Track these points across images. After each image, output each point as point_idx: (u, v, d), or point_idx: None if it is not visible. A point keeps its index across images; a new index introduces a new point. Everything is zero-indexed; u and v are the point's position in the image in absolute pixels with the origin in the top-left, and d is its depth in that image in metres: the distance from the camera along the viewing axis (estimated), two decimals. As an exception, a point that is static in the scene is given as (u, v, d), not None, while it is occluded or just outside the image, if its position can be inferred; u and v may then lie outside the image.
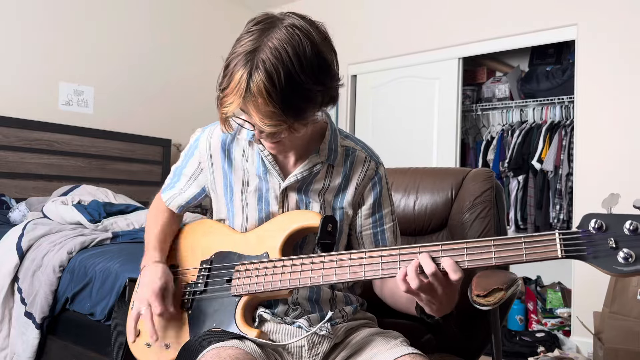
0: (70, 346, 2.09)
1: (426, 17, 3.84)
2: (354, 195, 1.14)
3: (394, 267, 0.91)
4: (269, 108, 0.90)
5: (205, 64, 4.33)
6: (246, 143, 1.15)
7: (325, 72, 0.95)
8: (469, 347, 1.45)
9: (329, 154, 1.12)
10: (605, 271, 0.78)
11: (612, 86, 3.01)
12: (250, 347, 0.97)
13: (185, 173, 1.22)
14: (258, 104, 0.90)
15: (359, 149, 1.17)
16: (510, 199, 3.75)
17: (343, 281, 0.96)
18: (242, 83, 0.90)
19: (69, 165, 3.49)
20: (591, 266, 0.79)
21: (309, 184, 1.12)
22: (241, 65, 0.90)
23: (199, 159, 1.19)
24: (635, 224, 0.77)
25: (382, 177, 1.18)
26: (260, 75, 0.88)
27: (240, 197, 1.13)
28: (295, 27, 0.92)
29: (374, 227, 1.16)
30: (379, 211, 1.16)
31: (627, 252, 0.76)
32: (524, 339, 3.24)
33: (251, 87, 0.89)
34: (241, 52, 0.91)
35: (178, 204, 1.24)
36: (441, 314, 0.95)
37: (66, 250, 2.18)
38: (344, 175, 1.14)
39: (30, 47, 3.40)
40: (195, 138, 1.21)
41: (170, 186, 1.25)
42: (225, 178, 1.16)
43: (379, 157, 1.21)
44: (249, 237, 1.12)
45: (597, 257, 0.78)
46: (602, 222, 0.79)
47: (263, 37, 0.91)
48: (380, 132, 4.10)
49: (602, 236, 0.79)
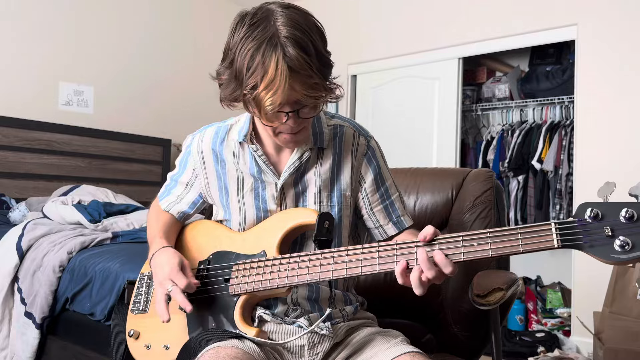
0: (70, 346, 2.09)
1: (426, 17, 3.84)
2: (351, 175, 1.14)
3: (391, 261, 0.91)
4: (313, 80, 0.93)
5: (205, 64, 4.32)
6: (236, 144, 1.15)
7: (324, 38, 1.00)
8: (469, 347, 1.45)
9: (314, 138, 1.12)
10: (602, 260, 0.78)
11: (612, 86, 3.01)
12: (250, 346, 0.97)
13: (181, 181, 1.23)
14: (303, 78, 0.92)
15: (346, 125, 1.17)
16: (510, 199, 3.75)
17: (340, 277, 0.96)
18: (281, 66, 0.90)
19: (69, 165, 3.49)
20: (589, 256, 0.79)
21: (303, 173, 1.12)
22: (268, 53, 0.90)
23: (193, 165, 1.19)
24: (632, 212, 0.76)
25: (376, 150, 1.18)
26: (295, 50, 0.91)
27: (237, 197, 1.13)
28: (286, 7, 0.97)
29: (382, 201, 1.16)
30: (382, 185, 1.16)
31: (624, 240, 0.76)
32: (524, 339, 3.24)
33: (291, 64, 0.90)
34: (260, 43, 0.91)
35: (178, 210, 1.24)
36: None
37: (66, 250, 2.18)
38: (334, 154, 1.13)
39: (30, 47, 3.40)
40: (186, 145, 1.22)
41: (167, 193, 1.26)
42: (220, 180, 1.16)
43: (367, 131, 1.20)
44: (246, 236, 1.12)
45: (594, 246, 0.78)
46: (598, 210, 0.79)
47: (270, 23, 0.93)
48: (380, 132, 4.08)
49: (598, 225, 0.78)
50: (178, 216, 1.25)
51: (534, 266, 3.94)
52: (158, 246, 1.13)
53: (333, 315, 1.10)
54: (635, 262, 0.77)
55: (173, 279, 1.03)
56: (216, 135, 1.17)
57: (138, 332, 1.15)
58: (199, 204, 1.23)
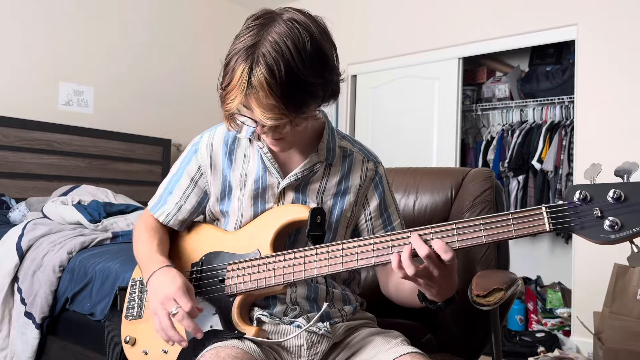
0: (70, 346, 2.09)
1: (426, 17, 3.84)
2: (357, 197, 1.15)
3: (387, 253, 0.92)
4: (270, 101, 0.90)
5: (205, 64, 4.33)
6: (247, 142, 1.14)
7: (325, 65, 0.96)
8: (469, 347, 1.45)
9: (327, 153, 1.12)
10: (594, 240, 0.79)
11: (612, 86, 3.01)
12: (249, 346, 0.97)
13: (179, 186, 1.17)
14: (259, 97, 0.90)
15: (356, 151, 1.18)
16: (510, 199, 3.75)
17: (337, 272, 0.96)
18: (243, 77, 0.90)
19: (68, 165, 3.49)
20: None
21: (307, 183, 1.12)
22: (242, 60, 0.91)
23: (199, 163, 1.15)
24: (619, 192, 0.78)
25: (383, 177, 1.19)
26: (261, 68, 0.89)
27: (238, 198, 1.13)
28: (294, 21, 0.93)
29: (384, 226, 1.17)
30: (385, 211, 1.18)
31: (613, 220, 0.77)
32: (524, 339, 3.24)
33: (252, 80, 0.90)
34: (241, 48, 0.92)
35: (179, 220, 1.18)
36: (442, 298, 0.96)
37: (66, 250, 2.18)
38: (341, 175, 1.14)
39: (30, 47, 3.40)
40: (193, 143, 1.19)
41: (162, 203, 1.18)
42: (225, 180, 1.15)
43: (376, 156, 1.22)
44: (238, 235, 1.11)
45: (584, 228, 0.80)
46: (587, 192, 0.80)
47: (262, 32, 0.92)
48: (380, 132, 4.10)
49: (588, 207, 0.80)
50: (179, 227, 1.19)
51: (534, 266, 3.94)
52: (159, 264, 1.07)
53: (332, 315, 1.10)
54: (624, 240, 0.78)
55: (178, 300, 0.97)
56: (227, 133, 1.16)
57: (134, 339, 1.15)
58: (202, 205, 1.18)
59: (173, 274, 1.03)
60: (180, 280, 1.01)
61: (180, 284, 1.00)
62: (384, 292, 1.19)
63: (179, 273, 1.04)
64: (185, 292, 0.99)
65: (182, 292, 0.98)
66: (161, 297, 1.00)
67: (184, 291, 0.99)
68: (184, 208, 1.17)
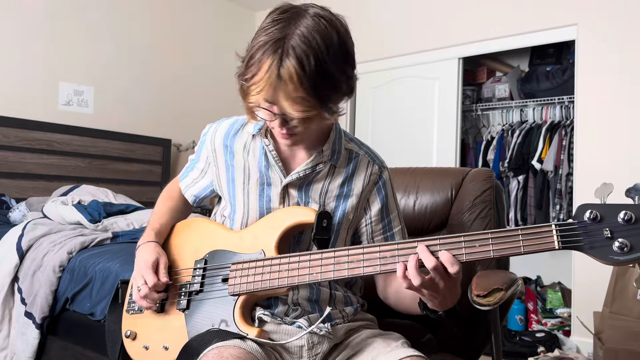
0: (70, 346, 2.09)
1: (426, 17, 3.84)
2: (359, 200, 1.14)
3: (393, 261, 0.91)
4: (299, 94, 0.91)
5: (205, 64, 4.33)
6: (249, 136, 1.15)
7: (348, 61, 0.99)
8: (469, 347, 1.45)
9: (332, 154, 1.12)
10: (602, 261, 0.79)
11: (612, 86, 3.01)
12: (252, 346, 0.97)
13: (197, 166, 1.25)
14: (288, 90, 0.91)
15: (362, 154, 1.17)
16: (510, 199, 3.75)
17: (342, 277, 0.96)
18: (272, 70, 0.90)
19: (68, 165, 3.49)
20: (589, 257, 0.80)
21: (310, 182, 1.12)
22: (270, 52, 0.91)
23: (206, 154, 1.21)
24: (630, 214, 0.78)
25: (387, 182, 1.18)
26: (292, 61, 0.90)
27: (242, 192, 1.13)
28: (321, 16, 0.95)
29: (384, 232, 1.17)
30: (387, 216, 1.17)
31: (622, 242, 0.78)
32: (524, 339, 3.24)
33: (282, 73, 0.90)
34: (268, 41, 0.92)
35: (192, 193, 1.26)
36: (444, 308, 0.95)
37: (66, 250, 2.18)
38: (345, 177, 1.14)
39: (30, 47, 3.40)
40: (203, 133, 1.24)
41: (185, 175, 1.29)
42: (228, 172, 1.16)
43: (383, 160, 1.21)
44: (243, 235, 1.11)
45: (593, 248, 0.80)
46: (597, 212, 0.80)
47: (290, 26, 0.92)
48: (380, 132, 4.09)
49: (598, 227, 0.80)
50: (192, 200, 1.26)
51: (534, 266, 3.94)
52: (145, 239, 1.17)
53: (333, 316, 1.10)
54: (633, 263, 0.78)
55: (144, 275, 1.08)
56: (231, 127, 1.18)
57: (135, 333, 1.15)
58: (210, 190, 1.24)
59: (150, 249, 1.13)
60: (152, 257, 1.11)
61: (151, 261, 1.10)
62: (381, 296, 1.19)
63: (154, 248, 1.14)
64: (151, 268, 1.08)
65: (148, 268, 1.08)
66: (135, 273, 1.12)
67: (149, 267, 1.08)
68: (197, 185, 1.25)
